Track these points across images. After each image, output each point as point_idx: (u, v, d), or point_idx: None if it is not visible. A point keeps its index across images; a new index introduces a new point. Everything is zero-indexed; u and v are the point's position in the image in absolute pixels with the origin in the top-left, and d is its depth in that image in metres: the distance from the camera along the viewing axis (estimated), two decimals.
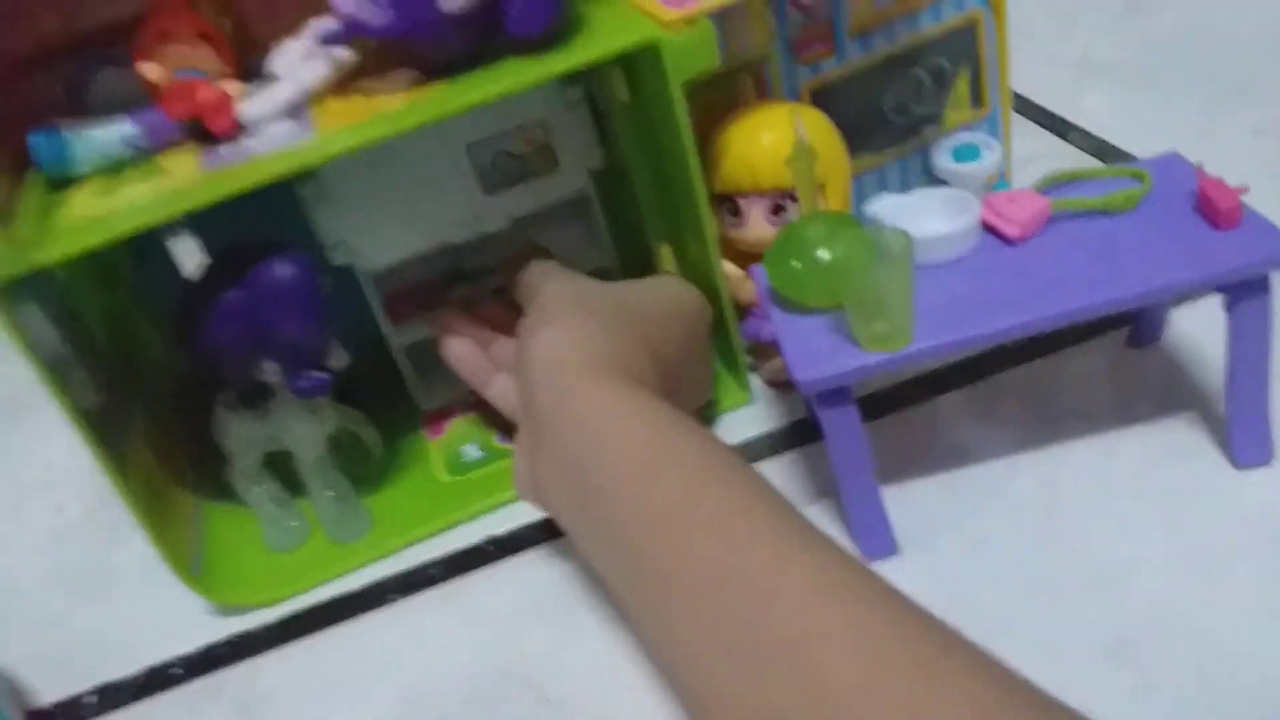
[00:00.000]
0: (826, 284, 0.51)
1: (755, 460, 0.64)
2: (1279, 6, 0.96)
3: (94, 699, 0.62)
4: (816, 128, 0.63)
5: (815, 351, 0.51)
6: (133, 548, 0.71)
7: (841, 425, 0.51)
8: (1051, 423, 0.60)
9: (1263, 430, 0.54)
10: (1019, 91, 0.92)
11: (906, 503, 0.57)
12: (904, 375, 0.66)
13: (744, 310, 0.67)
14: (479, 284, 0.73)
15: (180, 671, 0.62)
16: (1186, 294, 0.58)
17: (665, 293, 0.62)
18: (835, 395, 0.50)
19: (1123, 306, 0.50)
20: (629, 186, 0.71)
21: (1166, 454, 0.57)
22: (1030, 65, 0.92)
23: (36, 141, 0.56)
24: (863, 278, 0.48)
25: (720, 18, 0.58)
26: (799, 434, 0.65)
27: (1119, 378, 0.62)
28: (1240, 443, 0.54)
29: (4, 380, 0.95)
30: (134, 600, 0.68)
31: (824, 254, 0.52)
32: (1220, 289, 0.50)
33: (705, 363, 0.65)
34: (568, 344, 0.52)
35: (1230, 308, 0.51)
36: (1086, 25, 1.02)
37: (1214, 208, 0.50)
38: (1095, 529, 0.54)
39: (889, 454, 0.60)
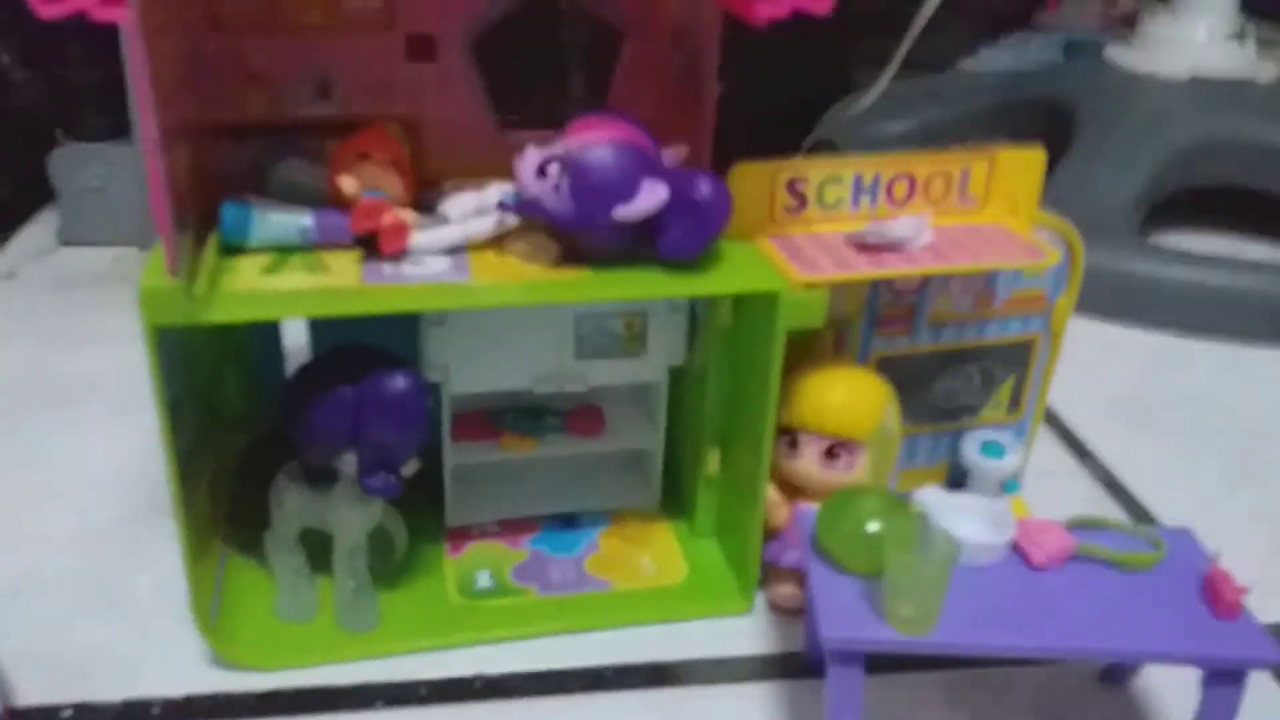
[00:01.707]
0: (869, 554, 0.57)
1: (744, 679, 0.69)
2: None
3: (70, 714, 0.64)
4: (892, 408, 0.70)
5: (844, 611, 0.56)
6: (144, 574, 0.75)
7: (847, 683, 0.57)
8: None
9: None
10: (1050, 407, 1.01)
11: None
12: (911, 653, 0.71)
13: (771, 533, 0.73)
14: (535, 422, 0.79)
15: (158, 712, 0.65)
16: (1173, 664, 0.64)
17: None
18: (850, 656, 0.56)
19: (1119, 659, 0.56)
20: (697, 389, 0.77)
21: None
22: (1062, 385, 1.01)
23: (230, 211, 0.62)
24: (908, 563, 0.54)
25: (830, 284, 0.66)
26: (791, 666, 0.69)
27: (1084, 706, 0.68)
28: None
29: (48, 370, 1.00)
30: (134, 627, 0.71)
31: (874, 527, 0.58)
32: (1203, 668, 0.57)
33: None
34: None
35: (1205, 686, 0.57)
36: (1120, 365, 1.12)
37: (1218, 598, 0.57)
38: None
39: (869, 710, 0.65)
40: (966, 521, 0.61)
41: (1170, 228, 1.40)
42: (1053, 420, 1.00)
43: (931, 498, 0.63)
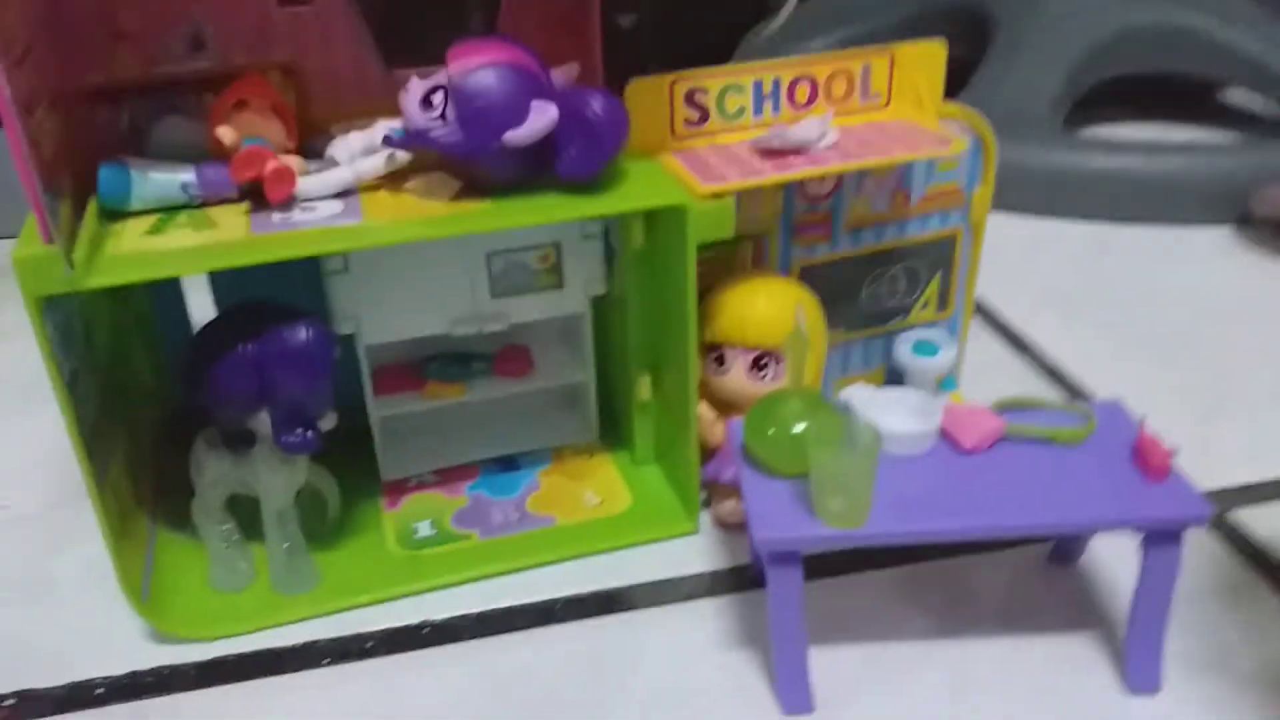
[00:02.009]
0: (797, 456, 0.57)
1: (693, 596, 0.68)
2: (1220, 272, 1.07)
3: (12, 703, 0.63)
4: (809, 312, 0.69)
5: (776, 514, 0.56)
6: (73, 557, 0.73)
7: (786, 585, 0.56)
8: (968, 617, 0.66)
9: (1155, 662, 0.59)
10: (984, 302, 1.01)
11: (828, 666, 0.62)
12: (847, 548, 0.71)
13: (709, 451, 0.72)
14: (461, 368, 0.78)
15: (102, 692, 0.63)
16: (1109, 530, 0.64)
17: None
18: (786, 557, 0.55)
19: (1052, 531, 0.56)
20: (621, 316, 0.76)
21: (1066, 667, 0.62)
22: (997, 282, 1.01)
23: (106, 173, 0.59)
24: (831, 459, 0.54)
25: (737, 193, 0.64)
26: (739, 580, 0.69)
27: (1035, 588, 0.68)
28: (1134, 669, 0.60)
29: None
30: (67, 611, 0.69)
31: (800, 428, 0.57)
32: (1139, 531, 0.57)
33: None
34: None
35: (1145, 549, 0.57)
36: (1053, 258, 1.12)
37: (1147, 461, 0.57)
38: None
39: (817, 617, 0.65)
40: (893, 414, 0.60)
41: (1095, 121, 1.39)
42: (989, 316, 1.00)
43: (858, 395, 0.63)
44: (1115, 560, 0.69)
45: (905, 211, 0.78)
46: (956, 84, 0.73)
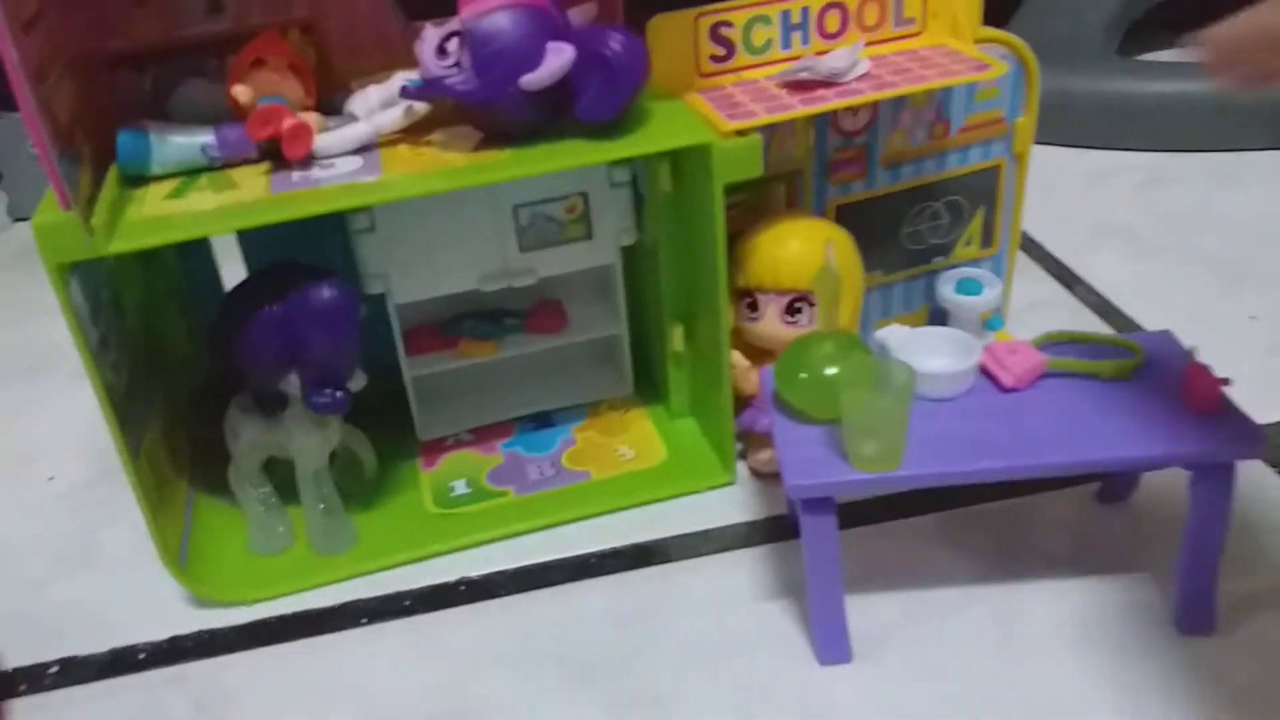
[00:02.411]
0: (828, 400, 0.55)
1: (730, 548, 0.67)
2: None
3: (56, 670, 0.64)
4: (842, 251, 0.67)
5: (808, 460, 0.54)
6: (117, 528, 0.74)
7: (820, 532, 0.55)
8: (1014, 561, 0.64)
9: (1206, 602, 0.57)
10: (1035, 238, 0.97)
11: (866, 615, 0.60)
12: (882, 493, 0.69)
13: (744, 400, 0.71)
14: (493, 325, 0.77)
15: (144, 657, 0.64)
16: (1157, 466, 0.62)
17: None
18: (819, 503, 0.54)
19: (1096, 469, 0.54)
20: (653, 266, 0.75)
21: (1116, 608, 0.60)
22: (1049, 218, 0.98)
23: (124, 139, 0.59)
24: (863, 401, 0.52)
25: (767, 130, 0.62)
26: (776, 529, 0.68)
27: (1083, 529, 0.66)
28: (1184, 611, 0.57)
29: (11, 342, 0.99)
30: (111, 580, 0.70)
31: (831, 371, 0.55)
32: (1188, 468, 0.54)
33: None
34: None
35: (1194, 486, 0.54)
36: (1108, 190, 1.07)
37: (1195, 394, 0.54)
38: (1041, 669, 0.57)
39: (857, 565, 0.63)
40: (930, 354, 0.58)
41: (1150, 48, 1.33)
42: (1040, 253, 0.96)
43: (894, 335, 0.60)
44: (1169, 497, 0.66)
45: (945, 144, 0.75)
46: (1005, 13, 0.70)
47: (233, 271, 0.79)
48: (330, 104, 0.66)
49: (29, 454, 0.84)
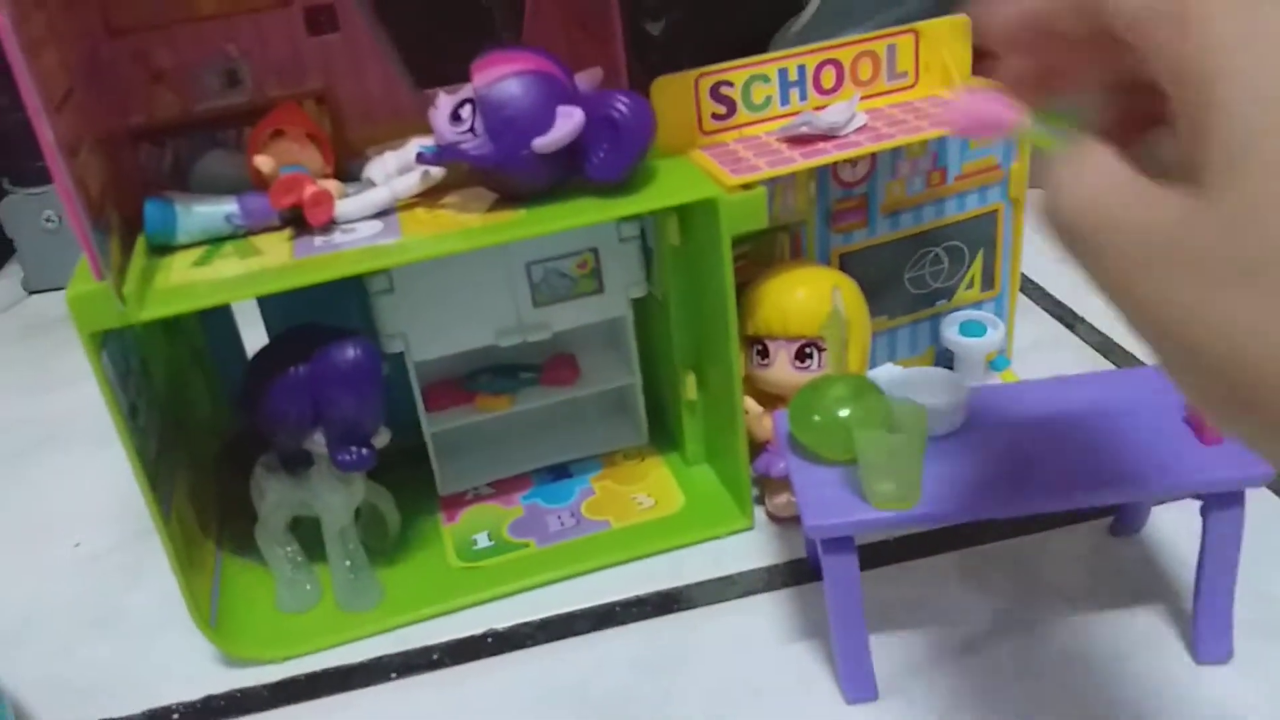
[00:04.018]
0: (843, 440, 0.56)
1: (751, 592, 0.68)
2: None
3: None
4: (848, 296, 0.69)
5: (826, 500, 0.56)
6: (145, 591, 0.75)
7: (841, 572, 0.56)
8: (1032, 596, 0.65)
9: (1224, 630, 0.58)
10: (1034, 280, 0.99)
11: (890, 652, 0.61)
12: (900, 531, 0.70)
13: (758, 445, 0.72)
14: (508, 379, 0.79)
15: (179, 717, 0.65)
16: (1164, 497, 0.63)
17: None
18: (839, 543, 0.55)
19: (1112, 502, 0.55)
20: (663, 317, 0.76)
21: (1135, 641, 0.61)
22: (1046, 260, 0.99)
23: (151, 209, 0.61)
24: (878, 440, 0.53)
25: (770, 183, 0.64)
26: (796, 572, 0.69)
27: (1098, 563, 0.67)
28: (1203, 640, 0.58)
29: (32, 414, 1.01)
30: (141, 641, 0.71)
31: (844, 413, 0.57)
32: (1199, 497, 0.56)
33: None
34: None
35: (1206, 514, 0.56)
36: None
37: (1200, 423, 0.55)
38: (1063, 702, 0.58)
39: (878, 604, 0.64)
40: (922, 393, 0.59)
41: None
42: (1039, 293, 0.98)
43: (885, 375, 0.62)
44: (1180, 527, 0.67)
45: (942, 191, 0.77)
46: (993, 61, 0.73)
47: (252, 333, 0.81)
48: (347, 170, 0.69)
49: (53, 521, 0.85)
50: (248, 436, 0.70)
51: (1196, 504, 0.57)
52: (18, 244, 1.27)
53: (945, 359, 0.83)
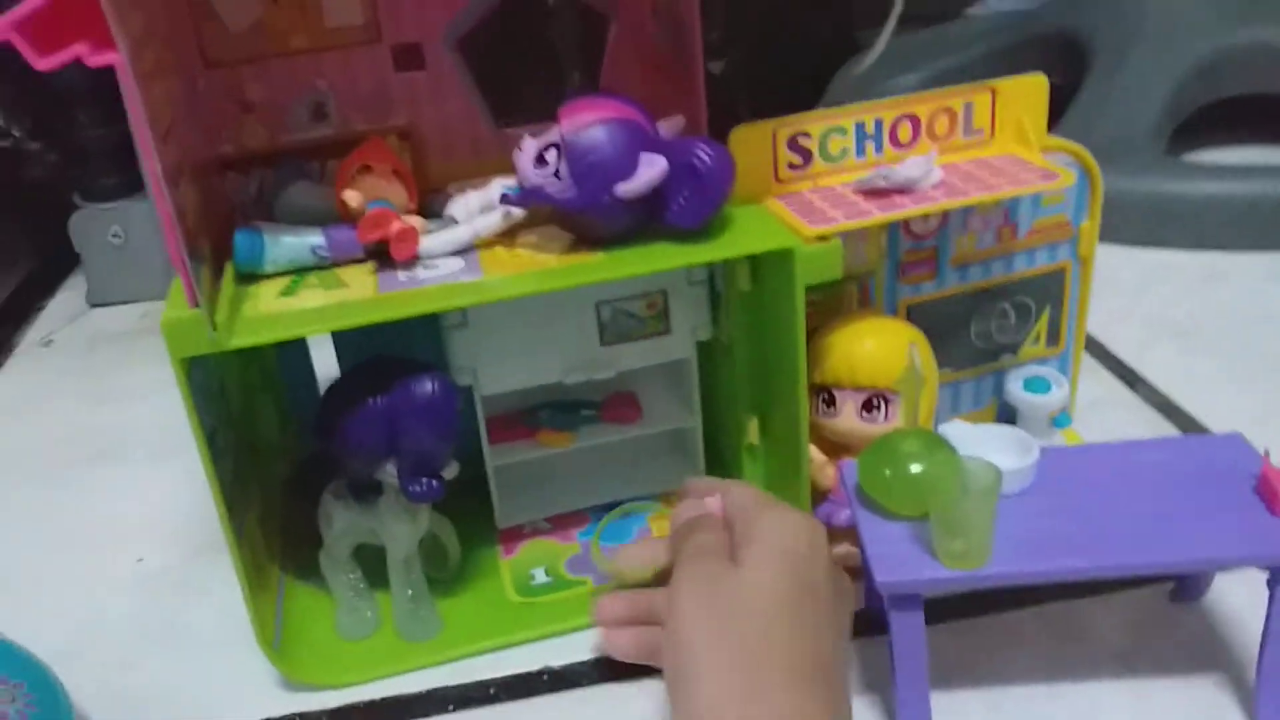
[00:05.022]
0: (914, 496, 0.57)
1: None
2: None
3: None
4: (923, 354, 0.69)
5: (896, 556, 0.56)
6: (205, 610, 0.76)
7: (908, 628, 0.56)
8: (1091, 660, 0.64)
9: None
10: (1095, 337, 0.99)
11: (951, 710, 0.61)
12: (964, 589, 0.70)
13: (819, 494, 0.73)
14: (570, 415, 0.80)
15: None
16: (1235, 566, 0.63)
17: (780, 552, 0.54)
18: (908, 600, 0.55)
19: (1177, 569, 0.55)
20: (728, 360, 0.77)
21: (1193, 711, 0.60)
22: (1108, 315, 1.00)
23: (241, 239, 0.62)
24: (951, 499, 0.54)
25: (844, 234, 0.65)
26: (856, 623, 0.68)
27: (1159, 629, 0.66)
28: (1264, 713, 0.58)
29: (93, 425, 1.03)
30: (200, 660, 0.72)
31: (917, 469, 0.57)
32: (1267, 568, 0.55)
33: (839, 600, 0.57)
34: (720, 707, 0.48)
35: (1272, 587, 0.55)
36: (1162, 289, 1.10)
37: (1274, 494, 0.55)
38: None
39: (939, 661, 0.64)
40: (991, 451, 0.60)
41: (1199, 146, 1.36)
42: (1100, 351, 0.98)
43: (954, 432, 0.62)
44: (1241, 598, 0.67)
45: (1012, 246, 0.77)
46: (1053, 113, 0.73)
47: (322, 358, 0.82)
48: (428, 206, 0.70)
49: (113, 534, 0.86)
50: (317, 462, 0.71)
51: (1259, 574, 0.56)
52: (85, 257, 1.30)
53: (1008, 414, 0.82)
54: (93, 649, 0.74)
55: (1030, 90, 0.73)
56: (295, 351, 0.81)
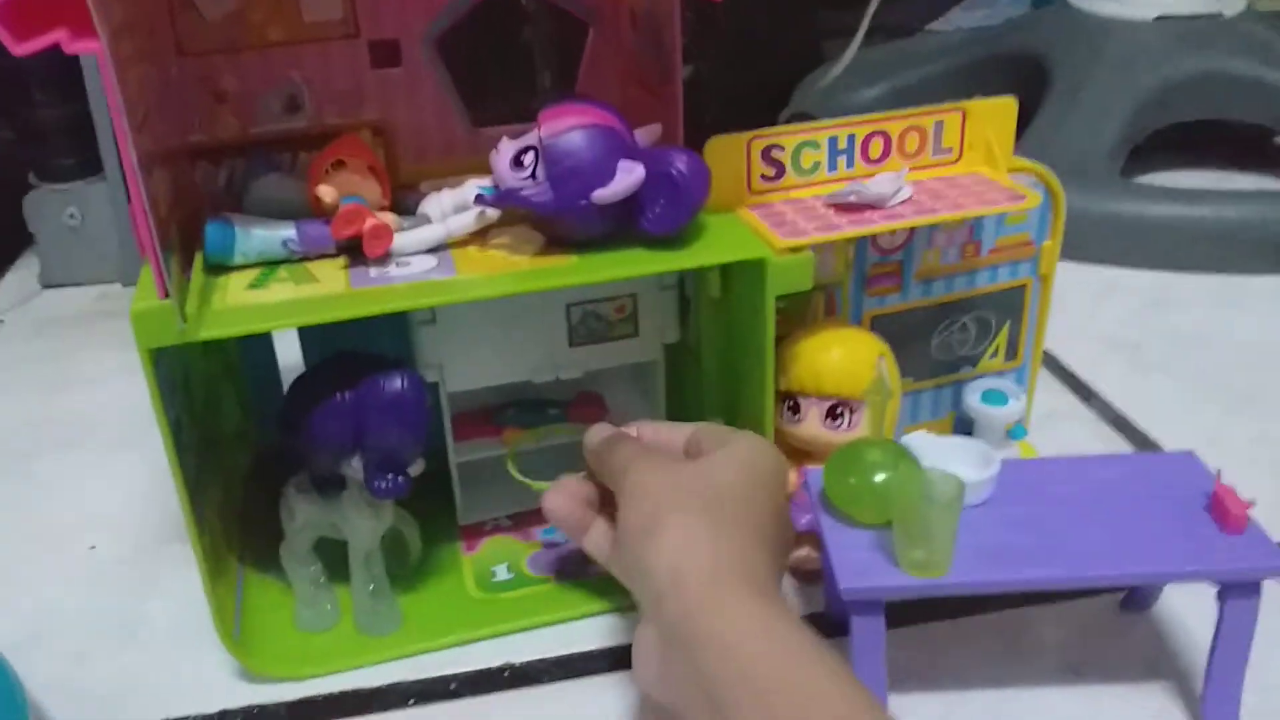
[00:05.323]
0: (878, 505, 0.58)
1: None
2: None
3: None
4: (890, 366, 0.71)
5: (859, 563, 0.57)
6: (161, 601, 0.76)
7: (869, 633, 0.57)
8: (1043, 666, 0.66)
9: (1232, 712, 0.60)
10: (1050, 352, 1.01)
11: (909, 713, 0.62)
12: (930, 597, 0.71)
13: None
14: (536, 414, 0.80)
15: None
16: (1190, 579, 0.65)
17: (748, 460, 0.59)
18: (870, 605, 0.57)
19: (1137, 582, 0.56)
20: (695, 364, 0.78)
21: (1145, 716, 0.62)
22: (1062, 332, 1.02)
23: (213, 230, 0.62)
24: (914, 509, 0.55)
25: (814, 247, 0.66)
26: (815, 626, 0.69)
27: (1109, 637, 0.68)
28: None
29: (45, 414, 1.01)
30: (157, 652, 0.72)
31: (880, 478, 0.58)
32: (1217, 583, 0.57)
33: (787, 521, 0.61)
34: (687, 553, 0.52)
35: (1222, 600, 0.57)
36: (1115, 307, 1.12)
37: (1225, 512, 0.57)
38: None
39: (895, 665, 0.65)
40: (953, 462, 0.61)
41: (1153, 169, 1.40)
42: (1055, 365, 1.00)
43: (918, 442, 0.64)
44: (1189, 607, 0.69)
45: (975, 262, 0.79)
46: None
47: (285, 351, 0.81)
48: (400, 203, 0.70)
49: (68, 525, 0.85)
50: (279, 455, 0.71)
51: (1207, 586, 0.58)
52: (39, 238, 1.27)
53: (965, 425, 0.84)
54: (48, 641, 0.73)
55: (999, 112, 0.74)
56: (258, 343, 0.81)
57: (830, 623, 0.69)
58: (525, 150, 0.63)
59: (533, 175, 0.63)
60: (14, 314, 1.24)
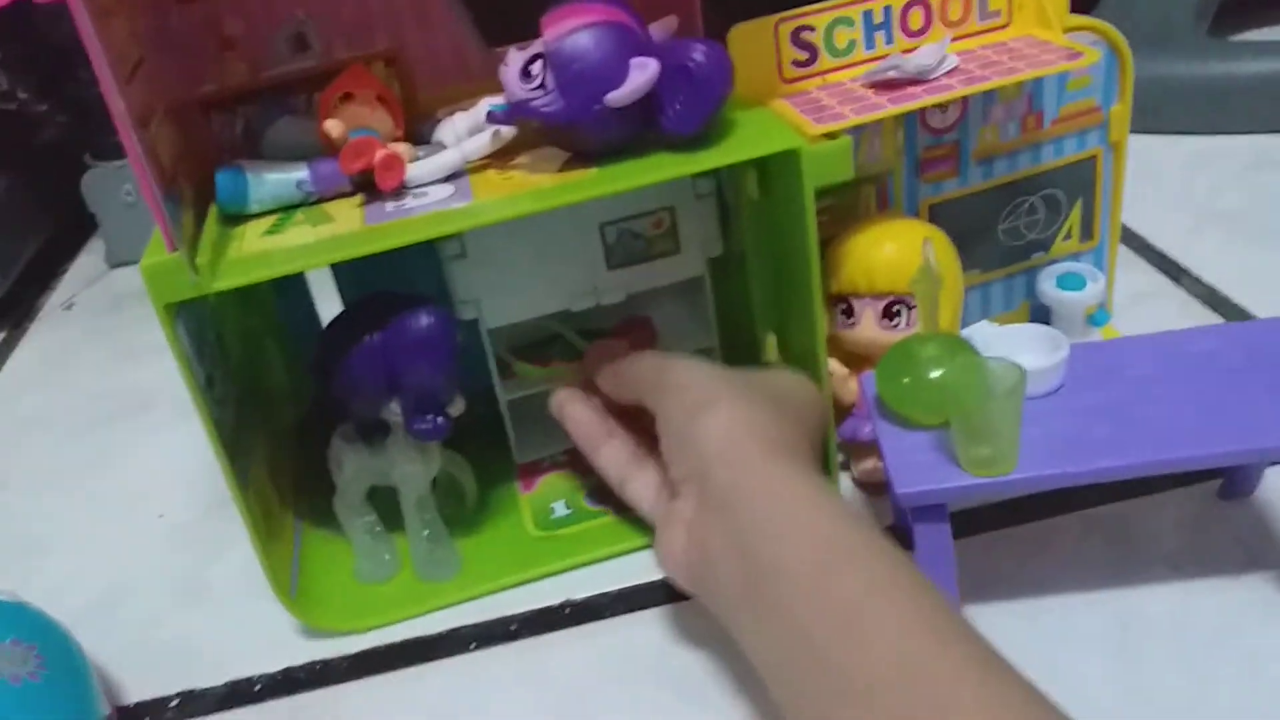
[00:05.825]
0: (935, 403, 0.54)
1: None
2: None
3: (176, 703, 0.65)
4: (940, 249, 0.66)
5: (917, 466, 0.53)
6: (227, 562, 0.75)
7: (934, 541, 0.53)
8: (1134, 564, 0.61)
9: None
10: (1136, 230, 0.94)
11: (983, 622, 0.58)
12: (995, 498, 0.67)
13: (844, 409, 0.70)
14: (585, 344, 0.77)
15: (260, 689, 0.65)
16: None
17: (787, 385, 0.63)
18: (931, 511, 0.52)
19: (1222, 462, 0.51)
20: (742, 276, 0.74)
21: (1246, 612, 0.57)
22: (1151, 206, 0.95)
23: (223, 179, 0.60)
24: (973, 403, 0.50)
25: (855, 132, 0.61)
26: None
27: (1206, 528, 0.63)
28: None
29: (117, 385, 1.02)
30: (223, 613, 0.72)
31: (936, 374, 0.54)
32: None
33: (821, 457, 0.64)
34: (744, 423, 0.54)
35: None
36: (1209, 177, 1.04)
37: None
38: (1166, 679, 0.54)
39: (971, 574, 0.61)
40: (1018, 351, 0.56)
41: (1245, 27, 1.29)
42: (1141, 245, 0.93)
43: (980, 333, 0.59)
44: None
45: (1038, 136, 0.73)
46: (1089, 1, 0.69)
47: (327, 303, 0.80)
48: (417, 133, 0.67)
49: (138, 492, 0.86)
50: (326, 406, 0.70)
51: None
52: (100, 218, 1.29)
53: (1042, 314, 0.78)
54: (118, 608, 0.74)
55: None
56: (296, 295, 0.79)
57: (900, 537, 0.65)
58: (533, 59, 0.59)
59: (542, 85, 0.59)
60: (85, 295, 1.26)
